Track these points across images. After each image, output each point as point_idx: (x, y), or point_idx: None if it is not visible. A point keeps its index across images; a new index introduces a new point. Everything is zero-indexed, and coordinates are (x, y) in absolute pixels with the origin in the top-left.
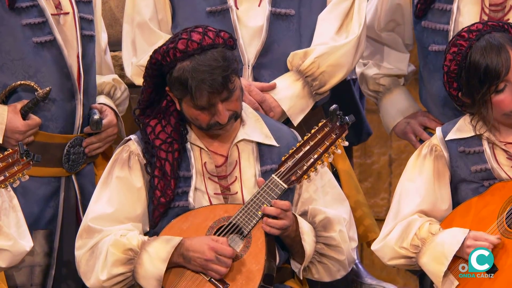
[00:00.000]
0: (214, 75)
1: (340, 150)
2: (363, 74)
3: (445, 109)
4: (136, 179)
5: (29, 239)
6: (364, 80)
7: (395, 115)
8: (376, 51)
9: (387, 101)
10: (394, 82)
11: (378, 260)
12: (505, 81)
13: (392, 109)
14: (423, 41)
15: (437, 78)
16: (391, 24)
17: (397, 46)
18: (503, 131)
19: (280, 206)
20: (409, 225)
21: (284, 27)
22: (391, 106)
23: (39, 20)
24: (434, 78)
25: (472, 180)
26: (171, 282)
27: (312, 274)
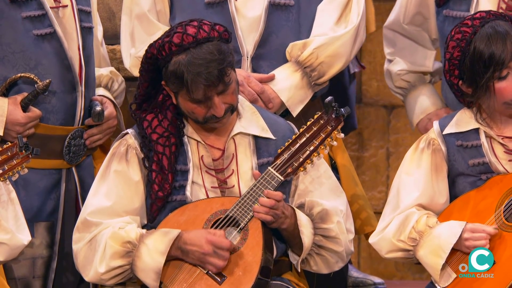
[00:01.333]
0: (210, 68)
1: (336, 142)
2: (388, 70)
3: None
4: (134, 172)
5: (27, 233)
6: (389, 76)
7: (419, 112)
8: (402, 47)
9: (412, 98)
10: (419, 79)
11: (375, 253)
12: (508, 68)
13: (416, 106)
14: (444, 31)
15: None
16: (417, 17)
17: (424, 42)
18: (500, 125)
19: (273, 196)
20: (406, 218)
21: (283, 18)
22: (415, 103)
23: (39, 12)
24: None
25: (470, 173)
26: (169, 275)
27: (310, 266)
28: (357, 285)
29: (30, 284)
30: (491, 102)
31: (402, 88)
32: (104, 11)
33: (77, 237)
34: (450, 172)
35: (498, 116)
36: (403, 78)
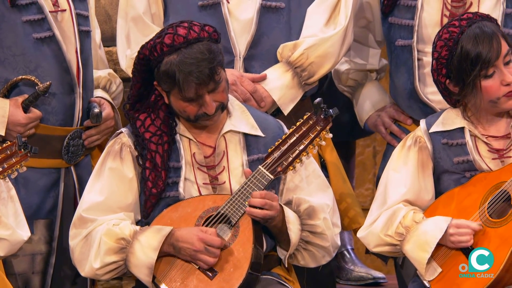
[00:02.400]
0: (201, 67)
1: (325, 142)
2: (336, 70)
3: (411, 102)
4: (128, 170)
5: (26, 229)
6: (337, 76)
7: (367, 109)
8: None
9: (360, 95)
10: (366, 76)
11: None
12: (494, 67)
13: (365, 103)
14: (390, 37)
15: (403, 72)
16: (362, 21)
17: (369, 42)
18: (485, 124)
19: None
20: (394, 213)
21: (274, 20)
22: (363, 100)
23: (39, 16)
24: (400, 72)
25: (455, 171)
26: (162, 271)
27: (298, 260)
28: (359, 279)
29: (30, 280)
30: (477, 100)
31: (350, 87)
32: (100, 14)
33: (74, 233)
34: (435, 169)
35: (483, 116)
36: (350, 76)
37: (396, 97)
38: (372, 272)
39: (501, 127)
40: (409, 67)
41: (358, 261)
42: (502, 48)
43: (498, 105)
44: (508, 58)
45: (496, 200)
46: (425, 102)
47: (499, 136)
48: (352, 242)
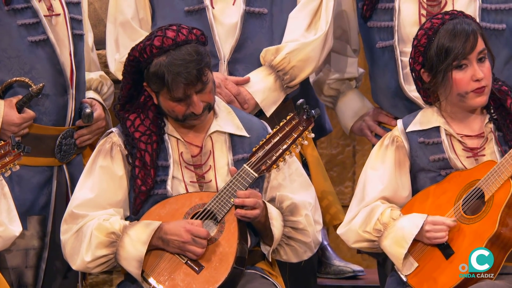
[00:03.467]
0: (189, 68)
1: (307, 141)
2: (318, 81)
3: (396, 100)
4: (118, 168)
5: (18, 224)
6: (318, 87)
7: (351, 116)
8: (327, 59)
9: (342, 104)
10: (347, 85)
11: (343, 243)
12: (467, 60)
13: (348, 111)
14: (370, 40)
15: (385, 73)
16: (338, 31)
17: (346, 51)
18: (460, 124)
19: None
20: (372, 210)
21: (257, 25)
22: (346, 108)
23: (33, 20)
24: (384, 72)
25: (430, 169)
26: (151, 264)
27: (280, 255)
28: (338, 272)
29: (23, 274)
30: (447, 91)
31: (331, 96)
32: (91, 18)
33: (65, 229)
34: (412, 168)
35: (458, 115)
36: (332, 86)
37: (380, 99)
38: (351, 266)
39: (475, 126)
40: (392, 67)
41: (336, 255)
42: (478, 45)
43: (466, 100)
44: (482, 55)
45: (470, 198)
46: (411, 99)
47: (473, 135)
48: (327, 238)
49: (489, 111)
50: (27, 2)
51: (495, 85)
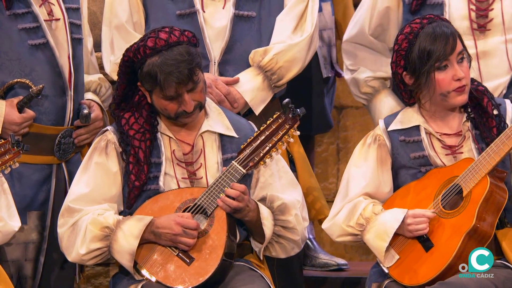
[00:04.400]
0: (181, 68)
1: (293, 139)
2: (355, 79)
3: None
4: (113, 164)
5: (17, 219)
6: (355, 83)
7: (386, 112)
8: (364, 57)
9: (377, 101)
10: (382, 84)
11: (326, 237)
12: (448, 61)
13: (383, 108)
14: None
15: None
16: (378, 29)
17: (383, 51)
18: (439, 122)
19: (238, 188)
20: (355, 206)
21: (246, 28)
22: (381, 106)
23: (34, 25)
24: None
25: (411, 166)
26: (143, 257)
27: (270, 252)
28: (323, 266)
29: (22, 266)
30: (430, 92)
31: (367, 94)
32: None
33: (62, 222)
34: (393, 165)
35: (437, 114)
36: (369, 84)
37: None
38: (335, 259)
39: (453, 125)
40: None
41: (321, 249)
42: (457, 46)
43: (448, 99)
44: (461, 56)
45: (449, 193)
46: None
47: (452, 133)
48: (313, 232)
49: (466, 110)
50: (27, 7)
51: (472, 85)
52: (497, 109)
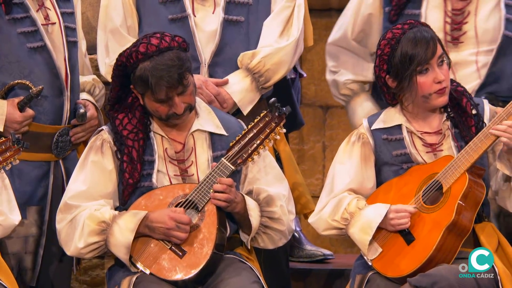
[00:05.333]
0: (171, 73)
1: (279, 136)
2: (335, 80)
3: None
4: (108, 162)
5: (17, 214)
6: (335, 85)
7: (362, 115)
8: (345, 60)
9: (355, 104)
10: (361, 87)
11: (312, 230)
12: (429, 65)
13: (360, 110)
14: None
15: None
16: (361, 34)
17: (364, 56)
18: (420, 121)
19: (225, 182)
20: (340, 201)
21: (235, 32)
22: (358, 108)
23: (32, 29)
24: None
25: (393, 163)
26: (138, 250)
27: (258, 243)
28: (310, 256)
29: (22, 259)
30: (412, 94)
31: (346, 95)
32: (83, 25)
33: (60, 218)
34: (376, 162)
35: (419, 113)
36: (348, 86)
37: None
38: (321, 250)
39: (434, 124)
40: None
41: (307, 241)
42: (437, 50)
43: (429, 100)
44: (441, 60)
45: (430, 189)
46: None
47: (432, 132)
48: (299, 224)
49: (446, 109)
50: (26, 12)
51: (451, 86)
52: (475, 108)
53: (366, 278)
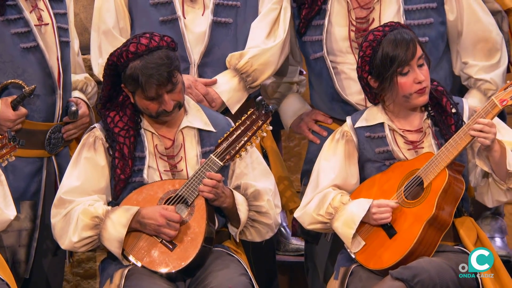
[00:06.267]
0: (160, 71)
1: (266, 133)
2: (264, 85)
3: (333, 104)
4: (100, 158)
5: (13, 209)
6: (264, 89)
7: (291, 115)
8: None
9: (284, 105)
10: (289, 89)
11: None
12: (409, 66)
13: (288, 110)
14: (306, 53)
15: (321, 80)
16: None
17: (289, 61)
18: (402, 120)
19: (214, 177)
20: (324, 196)
21: (223, 33)
22: (287, 108)
23: (25, 29)
24: (319, 81)
25: (376, 160)
26: (130, 243)
27: (246, 236)
28: (295, 250)
29: (16, 251)
30: (393, 94)
31: (276, 99)
32: (77, 27)
33: (54, 213)
34: (360, 159)
35: (400, 112)
36: (276, 90)
37: (319, 103)
38: None
39: (415, 122)
40: (326, 75)
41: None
42: (417, 52)
43: (410, 100)
44: (421, 61)
45: (411, 185)
46: (346, 101)
47: (413, 130)
48: (286, 220)
49: (427, 108)
50: (19, 13)
51: (431, 85)
52: (455, 107)
53: (350, 271)
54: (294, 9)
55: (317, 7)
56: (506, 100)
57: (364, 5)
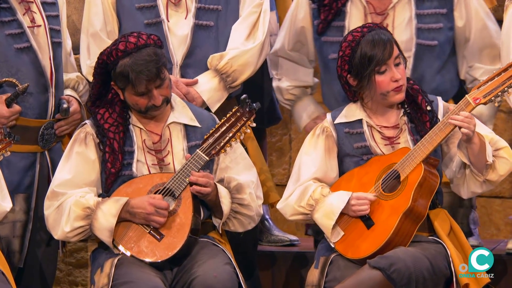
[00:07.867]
0: (149, 67)
1: (249, 130)
2: (279, 87)
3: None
4: (91, 153)
5: (9, 201)
6: (279, 91)
7: (306, 117)
8: (288, 68)
9: (298, 107)
10: (303, 92)
11: (280, 216)
12: (386, 65)
13: (303, 113)
14: (323, 53)
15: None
16: (297, 44)
17: (304, 63)
18: (379, 117)
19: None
20: (305, 189)
21: (205, 35)
22: (301, 111)
23: (18, 31)
24: (335, 81)
25: (354, 154)
26: (120, 233)
27: (229, 227)
28: (277, 241)
29: (11, 242)
30: (371, 92)
31: (290, 100)
32: (69, 28)
33: (47, 204)
34: (339, 153)
35: (378, 109)
36: (291, 92)
37: (332, 102)
38: (288, 236)
39: (391, 119)
40: None
41: (275, 227)
42: (394, 51)
43: (387, 97)
44: (398, 61)
45: (388, 178)
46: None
47: (390, 126)
48: (269, 212)
49: (403, 106)
50: (13, 16)
51: (408, 84)
52: (430, 105)
53: (329, 260)
54: (313, 9)
55: (336, 9)
56: (479, 99)
57: (379, 12)
